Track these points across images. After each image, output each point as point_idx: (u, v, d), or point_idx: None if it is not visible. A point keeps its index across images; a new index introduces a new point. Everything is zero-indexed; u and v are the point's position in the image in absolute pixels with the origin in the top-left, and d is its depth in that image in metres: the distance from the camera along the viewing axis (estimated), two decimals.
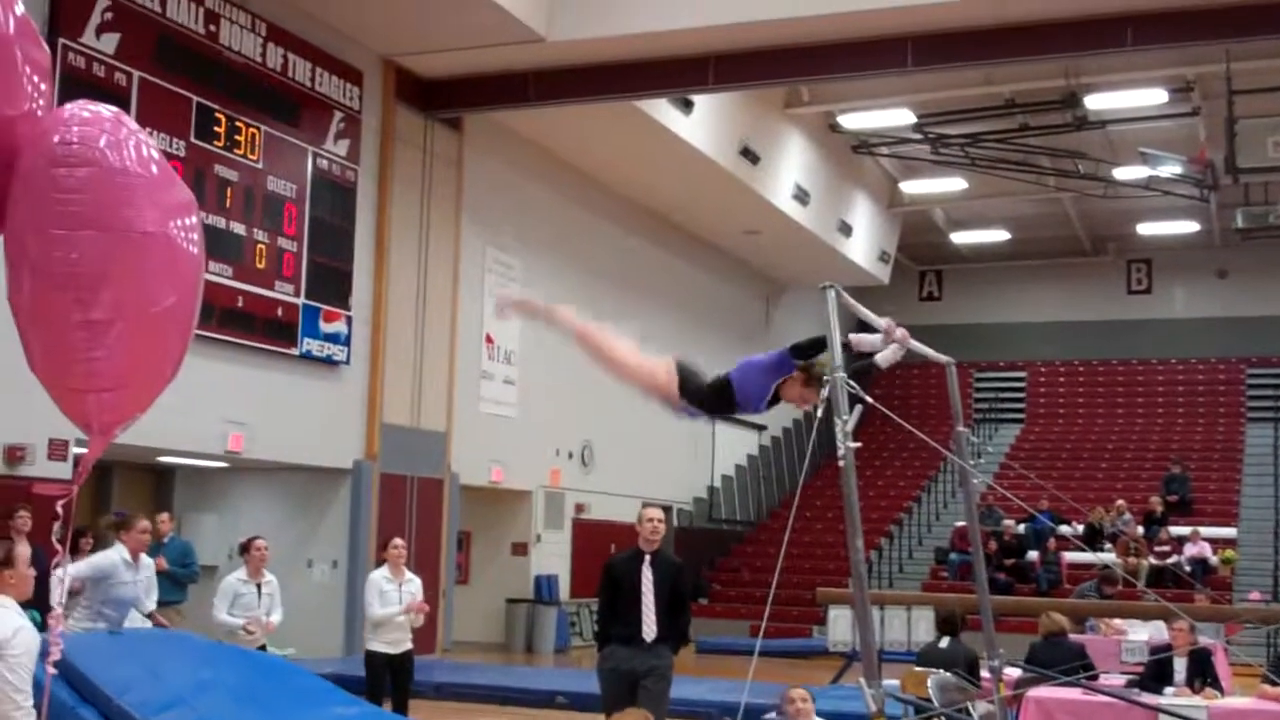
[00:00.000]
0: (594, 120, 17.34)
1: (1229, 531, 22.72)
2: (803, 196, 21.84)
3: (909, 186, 25.53)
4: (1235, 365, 28.63)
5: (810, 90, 19.99)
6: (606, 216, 20.73)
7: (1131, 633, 13.05)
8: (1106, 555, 20.07)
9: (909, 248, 28.01)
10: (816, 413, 5.15)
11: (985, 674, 8.15)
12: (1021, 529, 21.78)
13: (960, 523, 21.39)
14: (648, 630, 7.71)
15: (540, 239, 18.91)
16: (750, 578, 23.01)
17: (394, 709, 9.31)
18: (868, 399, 5.08)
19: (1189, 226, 26.60)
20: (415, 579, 9.82)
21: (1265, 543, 21.99)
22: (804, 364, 5.41)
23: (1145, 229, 27.21)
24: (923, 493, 25.65)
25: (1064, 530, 21.40)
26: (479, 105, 16.35)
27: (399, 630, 9.60)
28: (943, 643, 9.91)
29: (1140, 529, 21.94)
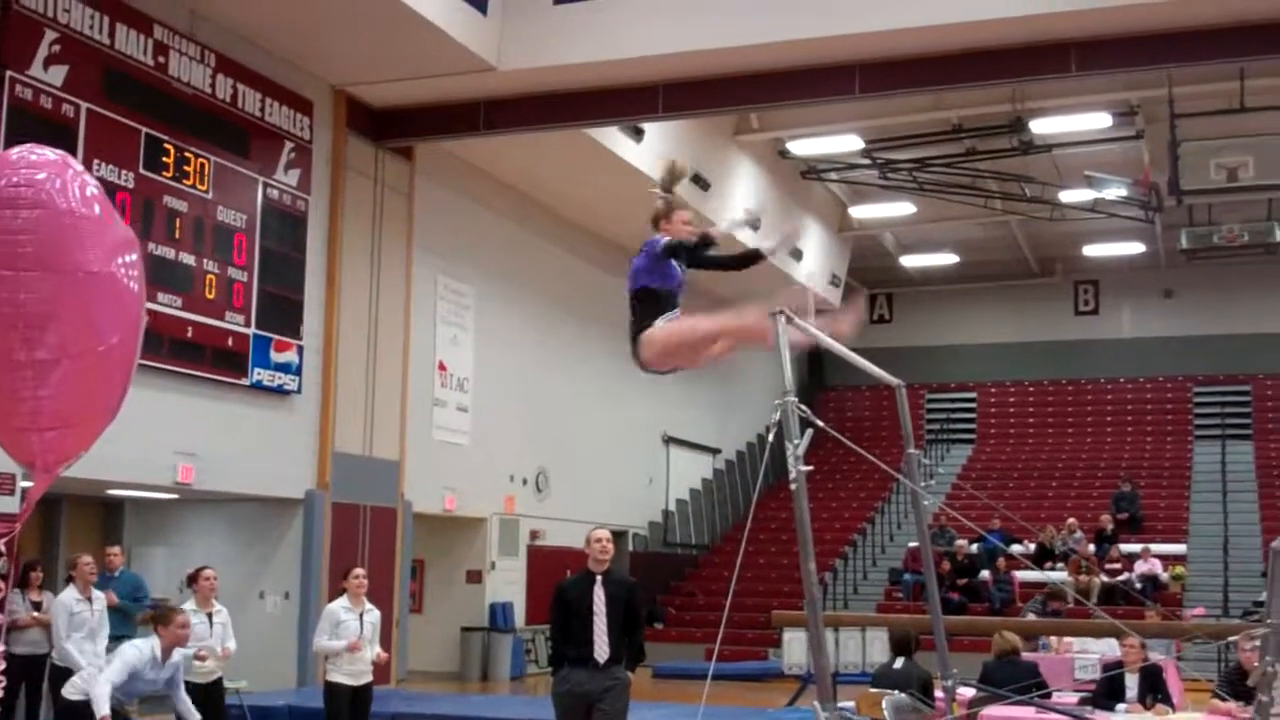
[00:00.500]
0: (546, 148, 17.36)
1: (1179, 548, 22.99)
2: (753, 222, 21.87)
3: (858, 211, 25.69)
4: (1182, 384, 28.94)
5: (759, 117, 20.12)
6: (559, 243, 20.74)
7: (1078, 645, 13.18)
8: (1058, 574, 20.23)
9: (859, 271, 28.19)
10: (769, 435, 5.19)
11: (940, 694, 8.21)
12: (974, 549, 21.88)
13: (913, 543, 21.50)
14: (600, 651, 7.72)
15: (493, 267, 18.91)
16: (705, 601, 22.99)
17: None
18: (819, 422, 5.13)
19: (1135, 248, 26.91)
20: (375, 610, 9.83)
21: (1214, 559, 22.21)
22: (660, 203, 5.80)
23: (1092, 250, 27.47)
24: (876, 514, 25.75)
25: (1015, 549, 21.55)
26: (430, 134, 16.32)
27: (361, 662, 9.61)
28: (897, 663, 9.98)
29: (1091, 547, 22.14)
